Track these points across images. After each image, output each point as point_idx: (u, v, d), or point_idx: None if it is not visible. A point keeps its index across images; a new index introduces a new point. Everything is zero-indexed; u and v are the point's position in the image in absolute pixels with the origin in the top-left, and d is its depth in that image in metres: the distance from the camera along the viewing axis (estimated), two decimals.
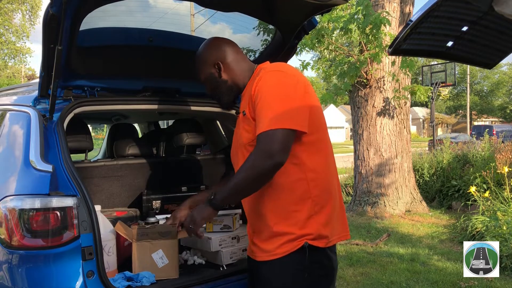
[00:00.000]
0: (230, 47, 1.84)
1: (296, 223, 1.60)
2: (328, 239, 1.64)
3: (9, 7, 33.48)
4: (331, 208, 1.66)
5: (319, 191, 1.63)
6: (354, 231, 5.93)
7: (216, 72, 1.82)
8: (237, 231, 2.23)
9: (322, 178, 1.65)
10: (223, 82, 1.82)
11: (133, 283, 1.86)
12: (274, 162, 1.51)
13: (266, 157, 1.51)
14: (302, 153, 1.62)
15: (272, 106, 1.55)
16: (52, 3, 1.55)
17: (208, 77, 1.84)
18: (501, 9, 1.42)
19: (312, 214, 1.61)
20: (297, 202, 1.61)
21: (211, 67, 1.82)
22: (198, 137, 2.91)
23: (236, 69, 1.81)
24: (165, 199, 2.56)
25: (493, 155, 6.61)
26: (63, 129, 1.93)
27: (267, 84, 1.61)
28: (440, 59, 5.28)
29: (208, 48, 1.85)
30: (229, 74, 1.81)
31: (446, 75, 15.68)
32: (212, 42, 1.87)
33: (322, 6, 1.89)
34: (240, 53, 1.86)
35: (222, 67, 1.80)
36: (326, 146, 1.72)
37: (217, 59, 1.81)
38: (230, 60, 1.81)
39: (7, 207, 1.68)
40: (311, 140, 1.63)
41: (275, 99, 1.56)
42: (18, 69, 37.25)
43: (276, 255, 1.61)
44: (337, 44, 6.98)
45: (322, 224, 1.62)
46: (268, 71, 1.65)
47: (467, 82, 43.00)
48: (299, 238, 1.59)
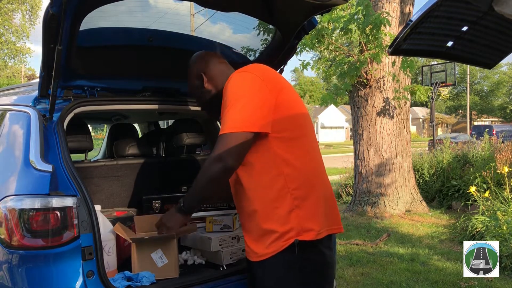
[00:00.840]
0: (211, 58, 1.92)
1: (278, 219, 1.61)
2: (316, 231, 1.63)
3: (9, 7, 33.47)
4: (315, 201, 1.66)
5: (298, 185, 1.63)
6: (354, 231, 5.93)
7: (199, 83, 1.90)
8: (237, 231, 2.23)
9: (301, 172, 1.66)
10: (206, 92, 1.89)
11: (133, 283, 1.86)
12: (223, 165, 1.57)
13: (216, 161, 1.58)
14: (278, 149, 1.64)
15: (229, 110, 1.60)
16: (52, 3, 1.55)
17: (193, 88, 1.94)
18: (501, 9, 1.42)
19: (293, 208, 1.61)
20: (276, 198, 1.62)
21: (195, 79, 1.91)
22: (198, 137, 2.91)
23: (218, 78, 1.87)
24: (165, 199, 2.56)
25: (493, 155, 6.61)
26: (63, 129, 1.94)
27: (230, 86, 1.66)
28: (440, 59, 5.28)
29: (193, 62, 1.94)
30: (212, 83, 1.88)
31: (446, 75, 15.68)
32: (198, 55, 1.95)
33: (322, 6, 1.89)
34: (223, 62, 1.93)
35: (204, 77, 1.88)
36: (307, 142, 1.74)
37: (200, 71, 1.89)
38: (212, 70, 1.89)
39: (7, 207, 1.68)
40: (286, 136, 1.66)
41: (232, 102, 1.61)
42: (18, 69, 37.22)
43: (266, 255, 1.63)
44: (337, 44, 6.98)
45: (305, 217, 1.62)
46: (235, 74, 1.71)
47: (467, 82, 43.00)
48: (283, 235, 1.60)
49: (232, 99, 1.61)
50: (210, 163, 1.59)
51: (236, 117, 1.58)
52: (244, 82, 1.66)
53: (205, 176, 1.62)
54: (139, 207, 2.55)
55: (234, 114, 1.59)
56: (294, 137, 1.68)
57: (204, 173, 1.62)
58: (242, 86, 1.65)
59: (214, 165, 1.58)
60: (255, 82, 1.65)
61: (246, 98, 1.61)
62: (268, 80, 1.67)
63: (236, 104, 1.60)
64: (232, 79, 1.68)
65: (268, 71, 1.73)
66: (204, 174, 1.63)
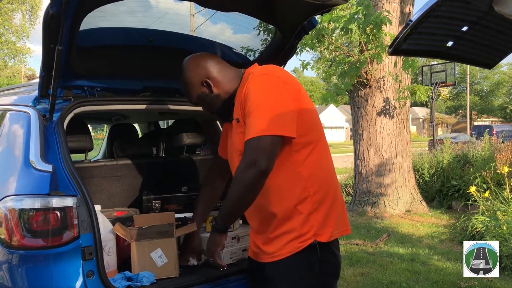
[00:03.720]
0: (210, 60, 1.83)
1: (297, 221, 1.61)
2: (330, 233, 1.65)
3: (9, 7, 33.48)
4: (330, 204, 1.67)
5: (316, 189, 1.64)
6: (354, 231, 5.93)
7: (206, 89, 1.81)
8: (237, 231, 2.23)
9: (319, 175, 1.66)
10: (215, 97, 1.81)
11: (133, 283, 1.86)
12: (258, 169, 1.51)
13: (250, 167, 1.52)
14: (297, 154, 1.63)
15: (258, 112, 1.56)
16: (52, 3, 1.55)
17: (200, 96, 1.83)
18: (501, 9, 1.42)
19: (312, 212, 1.62)
20: (297, 201, 1.62)
21: (200, 87, 1.81)
22: (198, 137, 2.91)
23: (224, 80, 1.81)
24: (165, 199, 2.56)
25: (493, 155, 6.61)
26: (63, 129, 1.93)
27: (254, 89, 1.61)
28: (440, 59, 5.28)
29: (190, 71, 1.83)
30: (219, 86, 1.80)
31: (446, 75, 15.70)
32: (191, 62, 1.84)
33: (322, 6, 1.89)
34: (222, 62, 1.86)
35: (211, 83, 1.80)
36: (323, 144, 1.74)
37: (204, 77, 1.80)
38: (216, 73, 1.81)
39: (7, 207, 1.68)
40: (304, 141, 1.65)
41: (261, 105, 1.56)
42: (18, 69, 37.23)
43: (281, 256, 1.62)
44: (337, 44, 6.98)
45: (322, 220, 1.63)
46: (256, 75, 1.65)
47: (467, 82, 42.97)
48: (301, 236, 1.60)
49: (259, 102, 1.57)
50: (243, 170, 1.53)
51: (265, 120, 1.54)
52: (270, 85, 1.61)
53: (241, 185, 1.55)
54: (139, 207, 2.55)
55: (262, 117, 1.54)
56: (313, 141, 1.68)
57: (239, 182, 1.55)
58: (267, 89, 1.60)
59: (248, 171, 1.52)
60: (278, 85, 1.61)
61: (272, 102, 1.57)
62: (290, 83, 1.64)
63: (263, 107, 1.56)
64: (255, 82, 1.63)
65: (286, 73, 1.71)
66: (238, 184, 1.55)
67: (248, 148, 1.54)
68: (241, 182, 1.55)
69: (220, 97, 1.81)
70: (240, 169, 1.55)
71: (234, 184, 1.58)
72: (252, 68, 1.78)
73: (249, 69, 1.79)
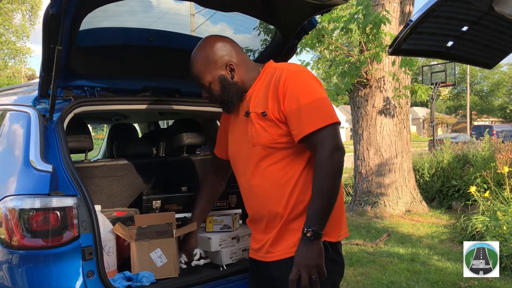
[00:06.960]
0: (235, 46, 1.76)
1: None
2: (338, 233, 1.66)
3: (9, 7, 33.47)
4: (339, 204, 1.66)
5: None
6: (354, 231, 5.93)
7: (228, 74, 1.70)
8: (237, 231, 2.23)
9: None
10: (234, 84, 1.71)
11: (133, 283, 1.86)
12: (343, 152, 1.56)
13: (336, 151, 1.54)
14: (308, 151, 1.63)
15: (319, 104, 1.58)
16: (52, 3, 1.55)
17: (217, 79, 1.70)
18: (501, 9, 1.42)
19: None
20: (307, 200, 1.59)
21: (221, 69, 1.70)
22: (198, 137, 2.91)
23: (245, 70, 1.73)
24: (165, 199, 2.56)
25: (493, 155, 6.61)
26: (63, 129, 1.93)
27: (299, 85, 1.61)
28: (440, 59, 5.28)
29: (215, 48, 1.70)
30: (239, 75, 1.72)
31: (446, 75, 15.71)
32: (219, 41, 1.73)
33: (322, 6, 1.89)
34: (244, 52, 1.81)
35: (235, 68, 1.71)
36: None
37: (229, 60, 1.70)
38: (240, 60, 1.73)
39: (7, 207, 1.68)
40: None
41: (318, 98, 1.59)
42: (18, 69, 37.22)
43: (287, 254, 1.60)
44: (337, 44, 6.98)
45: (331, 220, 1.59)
46: (292, 72, 1.64)
47: (467, 82, 42.99)
48: None
49: (315, 95, 1.59)
50: (330, 157, 1.51)
51: (327, 110, 1.58)
52: (314, 80, 1.66)
53: (331, 172, 1.51)
54: (139, 207, 2.55)
55: (325, 107, 1.58)
56: None
57: (328, 170, 1.51)
58: (314, 83, 1.64)
59: (335, 156, 1.52)
60: (318, 80, 1.68)
61: (324, 94, 1.62)
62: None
63: (320, 99, 1.59)
64: (296, 78, 1.61)
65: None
66: (329, 172, 1.51)
67: (324, 136, 1.54)
68: (331, 169, 1.51)
69: (237, 86, 1.72)
70: (325, 157, 1.52)
71: (321, 174, 1.52)
72: (271, 63, 1.75)
73: (269, 64, 1.75)
